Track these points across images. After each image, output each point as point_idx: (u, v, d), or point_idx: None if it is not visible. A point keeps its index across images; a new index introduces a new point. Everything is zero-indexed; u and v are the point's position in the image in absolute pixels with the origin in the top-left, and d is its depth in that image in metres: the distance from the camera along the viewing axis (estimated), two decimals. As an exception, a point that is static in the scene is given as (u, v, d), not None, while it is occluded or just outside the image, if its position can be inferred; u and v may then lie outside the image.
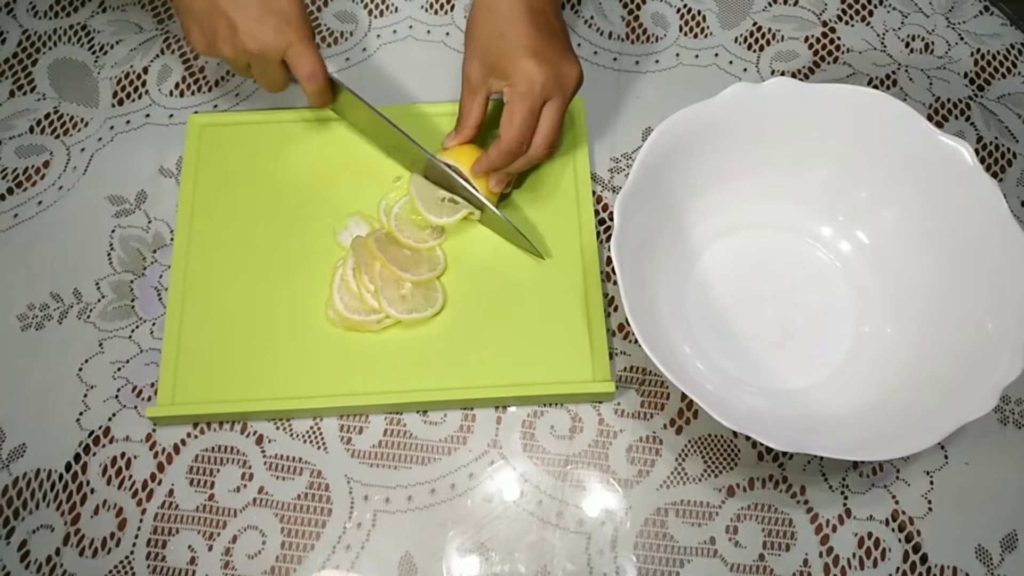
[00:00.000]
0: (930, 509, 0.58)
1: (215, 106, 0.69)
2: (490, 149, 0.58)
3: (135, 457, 0.58)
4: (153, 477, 0.57)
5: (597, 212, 0.65)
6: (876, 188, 0.60)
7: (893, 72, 0.71)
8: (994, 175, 0.68)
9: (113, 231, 0.64)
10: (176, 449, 0.58)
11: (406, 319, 0.59)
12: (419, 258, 0.62)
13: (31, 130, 0.68)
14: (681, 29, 0.73)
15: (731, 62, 0.72)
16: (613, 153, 0.67)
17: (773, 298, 0.62)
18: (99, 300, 0.62)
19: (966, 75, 0.72)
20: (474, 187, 0.60)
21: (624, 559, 0.56)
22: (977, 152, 0.59)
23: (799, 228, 0.63)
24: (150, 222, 0.65)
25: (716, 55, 0.72)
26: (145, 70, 0.70)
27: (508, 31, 0.57)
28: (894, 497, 0.58)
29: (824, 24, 0.74)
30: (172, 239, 0.63)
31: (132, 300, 0.62)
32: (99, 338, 0.61)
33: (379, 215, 0.63)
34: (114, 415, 0.59)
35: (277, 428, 0.59)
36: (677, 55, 0.72)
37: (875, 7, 0.74)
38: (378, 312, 0.59)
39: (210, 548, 0.56)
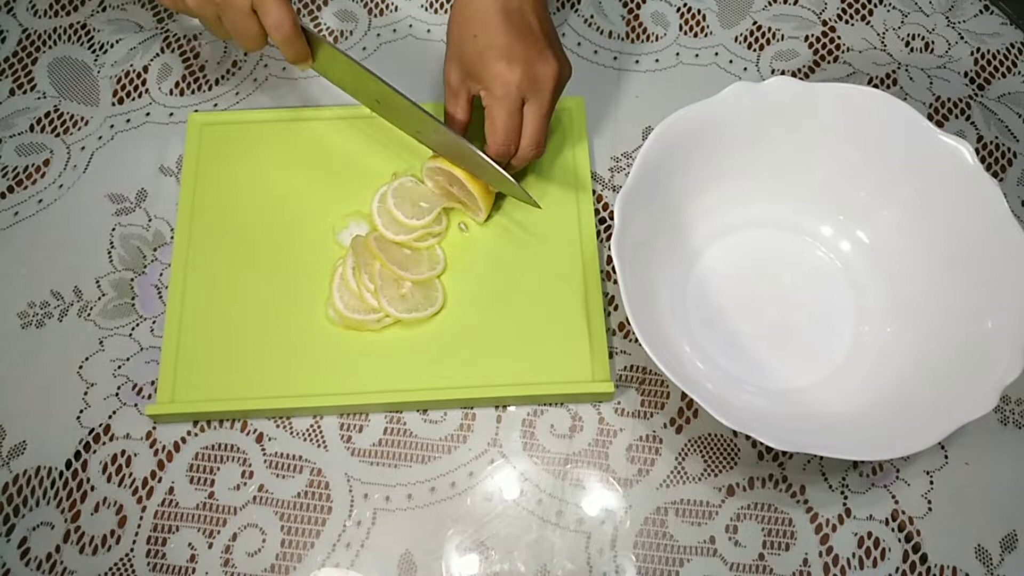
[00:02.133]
0: (930, 509, 0.58)
1: (215, 105, 0.69)
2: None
3: (135, 455, 0.58)
4: (153, 475, 0.57)
5: (597, 211, 0.65)
6: (876, 188, 0.60)
7: (893, 71, 0.71)
8: (994, 175, 0.68)
9: (113, 229, 0.64)
10: (176, 447, 0.58)
11: (406, 318, 0.59)
12: (419, 257, 0.62)
13: (31, 128, 0.68)
14: (681, 28, 0.73)
15: (731, 61, 0.72)
16: (613, 152, 0.67)
17: (773, 297, 0.62)
18: (99, 298, 0.62)
19: (966, 74, 0.72)
20: (475, 148, 0.58)
21: (624, 558, 0.56)
22: (977, 151, 0.59)
23: (799, 227, 0.63)
24: (150, 220, 0.65)
25: (716, 54, 0.72)
26: (145, 69, 0.70)
27: (481, 32, 0.56)
28: (894, 497, 0.58)
29: (824, 23, 0.74)
30: (172, 237, 0.64)
31: (132, 298, 0.62)
32: (99, 336, 0.61)
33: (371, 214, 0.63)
34: (114, 413, 0.59)
35: (277, 426, 0.59)
36: (677, 54, 0.72)
37: (875, 6, 0.74)
38: (378, 311, 0.59)
39: (210, 546, 0.56)
